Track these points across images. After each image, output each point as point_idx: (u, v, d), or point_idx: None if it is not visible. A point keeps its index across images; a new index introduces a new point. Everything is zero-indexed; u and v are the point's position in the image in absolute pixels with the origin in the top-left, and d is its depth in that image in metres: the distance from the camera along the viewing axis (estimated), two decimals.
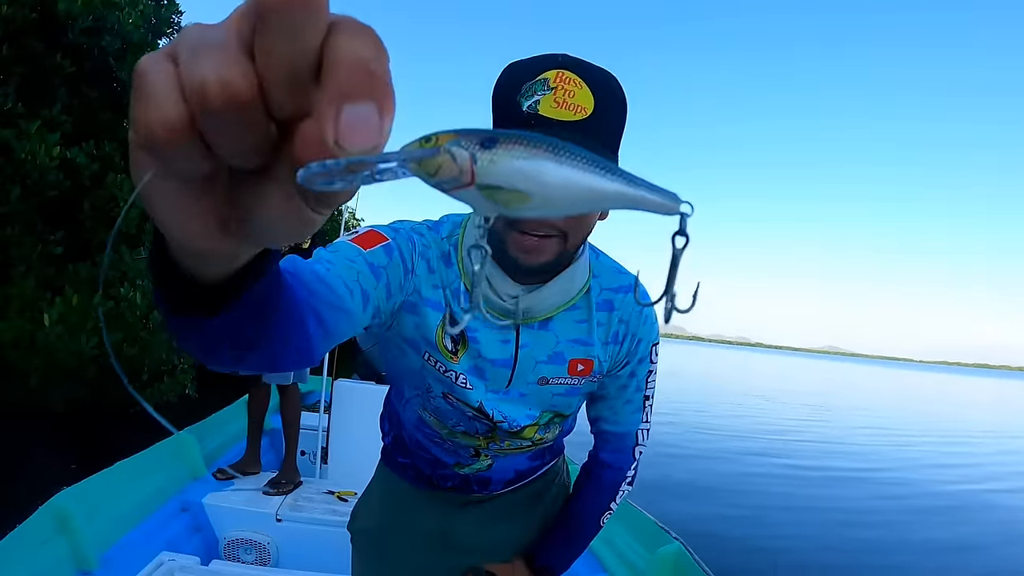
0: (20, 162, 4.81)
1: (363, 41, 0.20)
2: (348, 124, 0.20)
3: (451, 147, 0.22)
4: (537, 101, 0.68)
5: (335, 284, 0.64)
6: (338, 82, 0.20)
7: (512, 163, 0.22)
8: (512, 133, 0.22)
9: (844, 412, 15.25)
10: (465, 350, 0.85)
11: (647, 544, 2.18)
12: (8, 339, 4.77)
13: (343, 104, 0.20)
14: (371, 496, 1.16)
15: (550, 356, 0.87)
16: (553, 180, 0.22)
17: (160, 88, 0.20)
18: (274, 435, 3.21)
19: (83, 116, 5.45)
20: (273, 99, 0.20)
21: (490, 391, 0.88)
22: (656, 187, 0.24)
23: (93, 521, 1.92)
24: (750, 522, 4.89)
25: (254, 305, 0.37)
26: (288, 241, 0.26)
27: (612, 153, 0.73)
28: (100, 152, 5.38)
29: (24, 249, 4.98)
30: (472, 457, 0.99)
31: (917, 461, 8.54)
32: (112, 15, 5.43)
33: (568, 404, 0.95)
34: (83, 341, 4.92)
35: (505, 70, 0.73)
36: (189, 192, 0.23)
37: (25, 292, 4.89)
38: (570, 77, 0.69)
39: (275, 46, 0.19)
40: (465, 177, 0.22)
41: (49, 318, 4.81)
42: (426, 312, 0.82)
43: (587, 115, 0.68)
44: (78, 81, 5.40)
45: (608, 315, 0.90)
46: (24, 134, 4.81)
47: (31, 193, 4.96)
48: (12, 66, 4.94)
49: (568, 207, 0.23)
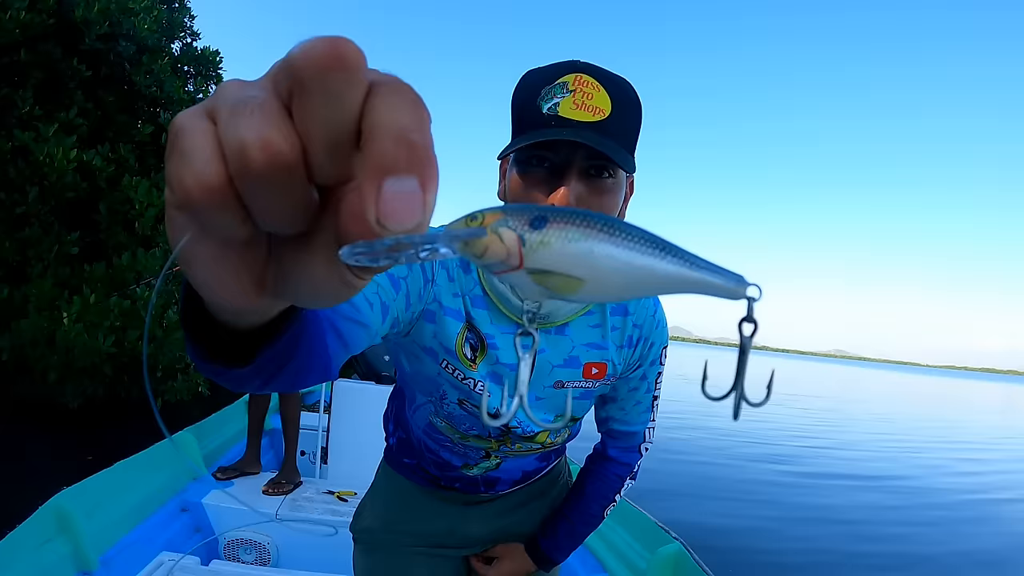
0: (38, 164, 4.84)
1: (403, 106, 0.19)
2: (389, 201, 0.18)
3: (498, 227, 0.21)
4: (557, 103, 0.69)
5: (354, 298, 0.62)
6: (378, 154, 0.19)
7: (564, 246, 0.20)
8: (563, 210, 0.21)
9: (857, 417, 14.89)
10: (484, 356, 0.84)
11: (647, 544, 2.14)
12: (27, 337, 4.81)
13: (384, 179, 0.19)
14: (375, 496, 1.14)
15: (565, 360, 0.87)
16: (608, 265, 0.20)
17: (198, 147, 0.19)
18: (274, 435, 3.18)
19: (99, 120, 5.47)
20: (314, 163, 0.19)
21: (508, 396, 0.88)
22: (720, 268, 0.22)
23: (93, 521, 1.89)
24: (758, 528, 4.80)
25: (289, 342, 0.36)
26: (328, 304, 0.24)
27: (629, 152, 0.73)
28: (115, 155, 5.40)
29: (41, 249, 5.01)
30: (482, 458, 0.99)
31: (930, 467, 8.27)
32: (127, 21, 5.46)
33: (581, 407, 0.95)
34: (100, 339, 4.94)
35: (524, 76, 0.74)
36: (227, 254, 0.22)
37: (43, 291, 4.92)
38: (588, 80, 0.70)
39: (314, 110, 0.18)
40: (513, 260, 0.21)
41: (68, 317, 4.85)
42: (446, 321, 0.81)
43: (605, 116, 0.69)
44: (94, 85, 5.43)
45: (623, 319, 0.90)
46: (42, 137, 4.85)
47: (49, 195, 5.00)
48: (30, 70, 4.97)
49: (624, 293, 0.21)
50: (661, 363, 0.96)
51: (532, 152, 0.71)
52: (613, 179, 0.72)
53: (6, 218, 4.88)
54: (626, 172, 0.73)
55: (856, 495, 6.22)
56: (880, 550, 4.58)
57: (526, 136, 0.69)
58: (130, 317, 5.19)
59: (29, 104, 4.90)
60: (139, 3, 5.51)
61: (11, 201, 4.83)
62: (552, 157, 0.70)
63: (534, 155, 0.71)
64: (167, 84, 5.79)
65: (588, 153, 0.69)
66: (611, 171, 0.71)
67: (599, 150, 0.67)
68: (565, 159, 0.70)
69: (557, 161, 0.70)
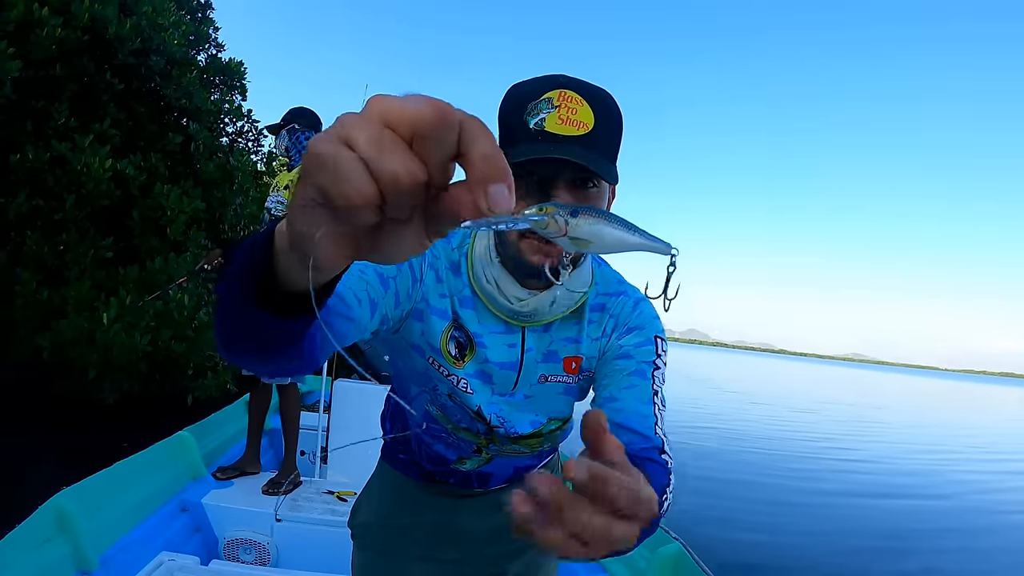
0: (76, 173, 4.91)
1: (486, 138, 0.28)
2: (493, 198, 0.28)
3: (555, 215, 0.39)
4: (543, 119, 0.70)
5: (344, 294, 0.65)
6: (481, 173, 0.28)
7: (588, 226, 0.39)
8: (586, 208, 0.40)
9: (893, 422, 14.14)
10: (472, 355, 0.84)
11: (647, 544, 2.04)
12: (68, 336, 4.88)
13: (488, 185, 0.28)
14: (371, 491, 1.13)
15: (545, 355, 0.87)
16: (608, 237, 0.40)
17: (354, 169, 0.26)
18: (274, 435, 3.10)
19: (130, 130, 5.52)
20: (432, 180, 0.28)
21: (496, 394, 0.88)
22: (657, 238, 0.44)
23: (93, 521, 1.84)
24: (758, 528, 4.60)
25: (324, 312, 0.47)
26: (401, 260, 0.33)
27: (611, 162, 0.74)
28: (147, 164, 5.44)
29: (78, 253, 5.07)
30: (474, 452, 0.97)
31: (959, 477, 7.69)
32: (158, 36, 5.49)
33: (568, 403, 0.94)
34: (137, 338, 5.01)
35: (509, 91, 0.75)
36: (349, 233, 0.31)
37: (81, 293, 4.99)
38: (572, 96, 0.71)
39: (432, 149, 0.27)
40: (561, 231, 0.38)
41: (107, 317, 4.92)
42: (432, 320, 0.82)
43: (589, 130, 0.70)
44: (126, 97, 5.47)
45: (600, 315, 0.90)
46: (78, 147, 4.91)
47: (85, 202, 5.06)
48: (65, 84, 5.03)
49: (612, 249, 0.41)
50: (657, 354, 0.86)
51: (522, 167, 0.71)
52: (597, 188, 0.74)
53: (45, 224, 4.96)
54: (608, 183, 0.74)
55: (879, 503, 5.93)
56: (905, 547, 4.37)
57: (517, 151, 0.70)
58: (164, 318, 5.26)
59: (65, 116, 4.96)
60: (168, 18, 5.54)
61: (49, 208, 4.91)
62: (541, 171, 0.71)
63: (524, 170, 0.71)
64: (196, 96, 5.81)
65: (574, 166, 0.70)
66: (595, 182, 0.73)
67: (586, 166, 0.68)
68: (553, 173, 0.71)
69: (545, 175, 0.71)
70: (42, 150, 4.85)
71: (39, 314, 4.89)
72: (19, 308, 4.86)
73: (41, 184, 4.91)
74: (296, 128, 2.73)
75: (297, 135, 2.72)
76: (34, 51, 4.71)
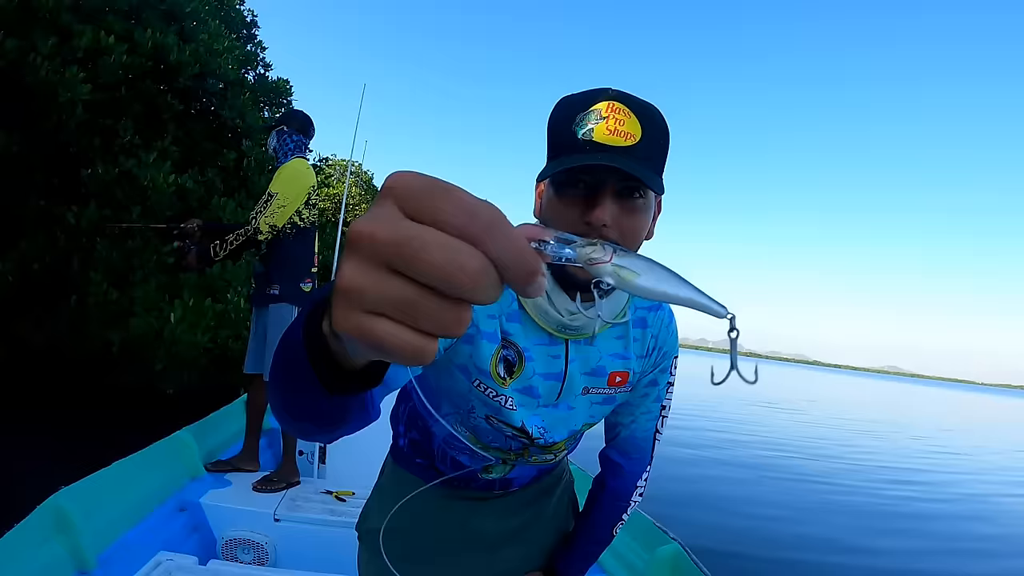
0: (142, 187, 4.99)
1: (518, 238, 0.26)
2: (531, 291, 0.25)
3: (603, 244, 0.33)
4: (591, 129, 0.67)
5: None
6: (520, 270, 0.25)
7: (633, 260, 0.33)
8: (624, 249, 0.33)
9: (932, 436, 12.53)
10: (521, 371, 0.80)
11: (645, 544, 1.94)
12: (139, 333, 4.99)
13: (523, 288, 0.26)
14: (383, 495, 1.02)
15: (593, 369, 0.83)
16: (654, 273, 0.33)
17: (465, 251, 0.23)
18: (273, 435, 2.95)
19: (189, 147, 5.57)
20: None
21: (541, 406, 0.83)
22: (711, 298, 0.34)
23: (91, 520, 1.71)
24: (756, 528, 4.17)
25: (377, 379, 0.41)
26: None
27: (657, 174, 0.70)
28: (204, 178, 5.49)
29: (143, 259, 5.17)
30: (499, 463, 0.92)
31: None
32: (214, 61, 5.52)
33: (602, 413, 0.90)
34: (199, 336, 5.08)
35: (559, 103, 0.72)
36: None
37: (148, 295, 5.09)
38: (620, 108, 0.68)
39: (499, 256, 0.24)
40: (606, 258, 0.32)
41: (175, 317, 5.02)
42: (482, 344, 0.77)
43: (636, 141, 0.67)
44: (185, 117, 5.52)
45: (642, 331, 0.87)
46: (143, 163, 4.98)
47: (149, 213, 5.14)
48: (131, 105, 5.10)
49: (656, 290, 0.32)
50: (671, 373, 0.92)
51: (569, 175, 0.68)
52: (643, 199, 0.70)
53: (113, 232, 5.06)
54: (655, 193, 0.70)
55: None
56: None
57: (564, 160, 0.67)
58: (222, 319, 5.33)
59: (130, 134, 5.04)
60: (222, 43, 5.57)
61: (116, 218, 4.99)
62: (588, 180, 0.68)
63: (571, 178, 0.69)
64: (248, 116, 5.84)
65: (621, 176, 0.66)
66: (641, 192, 0.69)
67: (631, 173, 0.64)
68: (600, 182, 0.68)
69: (592, 183, 0.68)
70: (110, 165, 4.94)
71: (108, 313, 5.00)
72: (91, 307, 4.98)
73: (110, 196, 5.01)
74: (284, 130, 2.56)
75: (284, 137, 2.56)
76: (102, 75, 4.79)
